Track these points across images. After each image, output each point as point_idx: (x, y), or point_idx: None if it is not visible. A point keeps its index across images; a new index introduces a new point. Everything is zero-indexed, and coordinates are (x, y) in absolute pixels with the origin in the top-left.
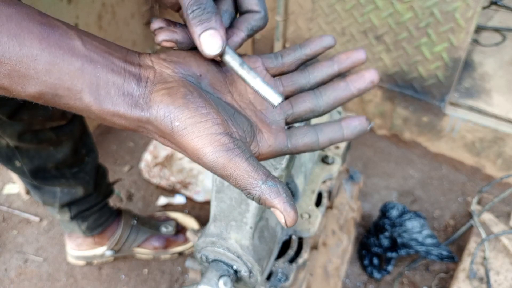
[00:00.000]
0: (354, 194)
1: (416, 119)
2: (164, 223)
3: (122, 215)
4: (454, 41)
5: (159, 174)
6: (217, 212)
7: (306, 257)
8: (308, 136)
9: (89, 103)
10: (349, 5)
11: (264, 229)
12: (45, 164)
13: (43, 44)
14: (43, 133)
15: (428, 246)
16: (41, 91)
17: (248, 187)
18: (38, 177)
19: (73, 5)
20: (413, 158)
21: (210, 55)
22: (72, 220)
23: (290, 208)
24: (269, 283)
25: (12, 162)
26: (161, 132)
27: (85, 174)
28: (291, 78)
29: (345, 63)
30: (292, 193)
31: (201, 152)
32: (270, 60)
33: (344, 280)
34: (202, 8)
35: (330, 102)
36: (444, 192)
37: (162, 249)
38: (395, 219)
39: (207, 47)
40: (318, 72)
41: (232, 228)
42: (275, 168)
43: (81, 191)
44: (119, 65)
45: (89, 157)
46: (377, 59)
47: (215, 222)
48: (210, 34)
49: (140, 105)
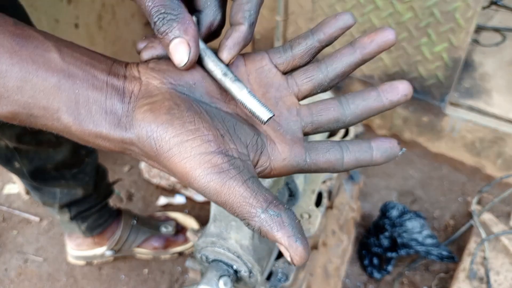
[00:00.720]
0: (354, 194)
1: (416, 119)
2: (164, 223)
3: (122, 215)
4: (454, 41)
5: (159, 174)
6: (217, 212)
7: None
8: (332, 152)
9: (68, 124)
10: (349, 5)
11: None
12: (44, 165)
13: (14, 58)
14: (42, 134)
15: (428, 246)
16: (13, 111)
17: (246, 216)
18: (37, 178)
19: (73, 5)
20: (413, 158)
21: (181, 67)
22: (72, 221)
23: (298, 243)
24: (269, 283)
25: (12, 163)
26: (146, 154)
27: (84, 175)
28: (305, 73)
29: (369, 48)
30: (292, 193)
31: (191, 176)
32: (278, 55)
33: (344, 280)
34: (162, 17)
35: (358, 112)
36: (444, 192)
37: (162, 249)
38: (395, 219)
39: (177, 58)
40: (338, 62)
41: (232, 228)
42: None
43: (81, 192)
44: (102, 78)
45: (89, 158)
46: (377, 59)
47: (215, 222)
48: (175, 43)
49: (123, 124)
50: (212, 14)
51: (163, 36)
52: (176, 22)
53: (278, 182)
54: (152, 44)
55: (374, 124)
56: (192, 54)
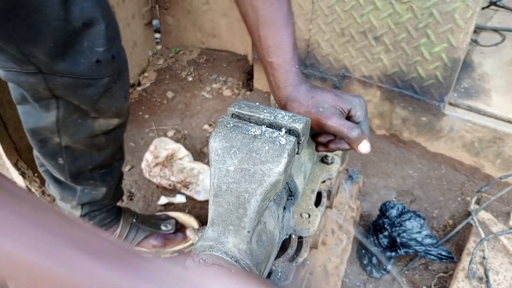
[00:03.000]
0: (354, 194)
1: (415, 119)
2: (164, 222)
3: (121, 213)
4: (453, 42)
5: (159, 174)
6: (214, 216)
7: (306, 256)
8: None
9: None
10: (349, 5)
11: (262, 233)
12: (85, 166)
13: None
14: (97, 138)
15: (427, 246)
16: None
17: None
18: (76, 177)
19: None
20: (412, 158)
21: (365, 152)
22: (80, 218)
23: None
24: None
25: (56, 159)
26: None
27: (111, 177)
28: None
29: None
30: (291, 193)
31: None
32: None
33: (344, 279)
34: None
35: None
36: (443, 192)
37: (161, 248)
38: (394, 218)
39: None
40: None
41: (229, 233)
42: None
43: (103, 192)
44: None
45: (118, 162)
46: (376, 60)
47: (213, 226)
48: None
49: None
50: (365, 129)
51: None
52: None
53: (276, 186)
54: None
55: (374, 125)
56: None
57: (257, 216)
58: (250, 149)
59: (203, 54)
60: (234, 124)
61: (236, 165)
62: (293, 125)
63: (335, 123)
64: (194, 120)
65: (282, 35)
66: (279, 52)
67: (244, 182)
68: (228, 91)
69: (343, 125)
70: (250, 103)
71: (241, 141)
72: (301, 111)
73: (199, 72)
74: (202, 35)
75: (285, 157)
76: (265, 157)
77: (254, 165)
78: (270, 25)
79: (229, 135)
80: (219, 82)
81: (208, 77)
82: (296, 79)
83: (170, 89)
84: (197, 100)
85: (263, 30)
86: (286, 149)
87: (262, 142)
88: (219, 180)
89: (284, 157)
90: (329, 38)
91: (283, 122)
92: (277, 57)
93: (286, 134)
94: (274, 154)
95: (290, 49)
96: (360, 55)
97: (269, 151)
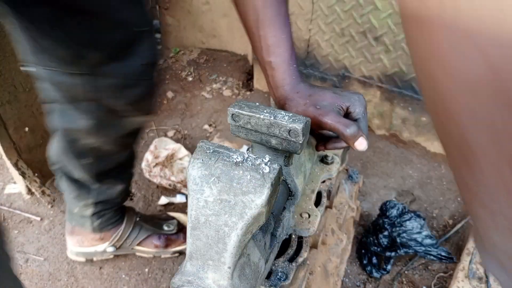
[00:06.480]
0: (353, 194)
1: (415, 119)
2: (166, 222)
3: (125, 211)
4: None
5: (159, 174)
6: (193, 250)
7: (306, 256)
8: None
9: None
10: (349, 5)
11: (245, 266)
12: (110, 165)
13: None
14: (126, 137)
15: (427, 246)
16: None
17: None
18: (97, 175)
19: None
20: (412, 158)
21: (362, 150)
22: (89, 216)
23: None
24: (269, 282)
25: (82, 159)
26: None
27: (128, 175)
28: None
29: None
30: (291, 193)
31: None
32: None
33: (344, 279)
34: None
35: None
36: (443, 191)
37: (162, 248)
38: (395, 218)
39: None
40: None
41: (209, 268)
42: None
43: (118, 190)
44: None
45: (132, 160)
46: (376, 60)
47: (191, 260)
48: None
49: None
50: (363, 126)
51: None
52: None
53: (258, 219)
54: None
55: (374, 125)
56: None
57: (238, 251)
58: (231, 177)
59: (203, 54)
60: (214, 150)
61: (216, 196)
62: (293, 125)
63: (331, 120)
64: (194, 120)
65: (281, 35)
66: (278, 52)
67: (224, 214)
68: (228, 91)
69: (339, 122)
70: (250, 103)
71: (221, 169)
72: (300, 110)
73: (199, 72)
74: (202, 35)
75: (268, 187)
76: (246, 187)
77: (234, 196)
78: (270, 25)
79: (209, 162)
80: (219, 82)
81: (208, 77)
82: (295, 78)
83: (170, 89)
84: (197, 100)
85: (263, 30)
86: (270, 178)
87: (243, 170)
88: (197, 212)
89: (266, 188)
90: (329, 38)
91: (283, 122)
92: (276, 57)
93: (269, 162)
94: (256, 184)
95: (288, 48)
96: (360, 55)
97: (251, 180)
